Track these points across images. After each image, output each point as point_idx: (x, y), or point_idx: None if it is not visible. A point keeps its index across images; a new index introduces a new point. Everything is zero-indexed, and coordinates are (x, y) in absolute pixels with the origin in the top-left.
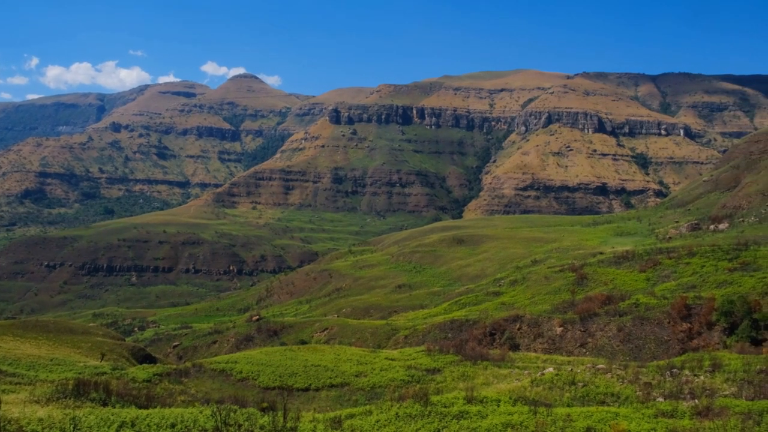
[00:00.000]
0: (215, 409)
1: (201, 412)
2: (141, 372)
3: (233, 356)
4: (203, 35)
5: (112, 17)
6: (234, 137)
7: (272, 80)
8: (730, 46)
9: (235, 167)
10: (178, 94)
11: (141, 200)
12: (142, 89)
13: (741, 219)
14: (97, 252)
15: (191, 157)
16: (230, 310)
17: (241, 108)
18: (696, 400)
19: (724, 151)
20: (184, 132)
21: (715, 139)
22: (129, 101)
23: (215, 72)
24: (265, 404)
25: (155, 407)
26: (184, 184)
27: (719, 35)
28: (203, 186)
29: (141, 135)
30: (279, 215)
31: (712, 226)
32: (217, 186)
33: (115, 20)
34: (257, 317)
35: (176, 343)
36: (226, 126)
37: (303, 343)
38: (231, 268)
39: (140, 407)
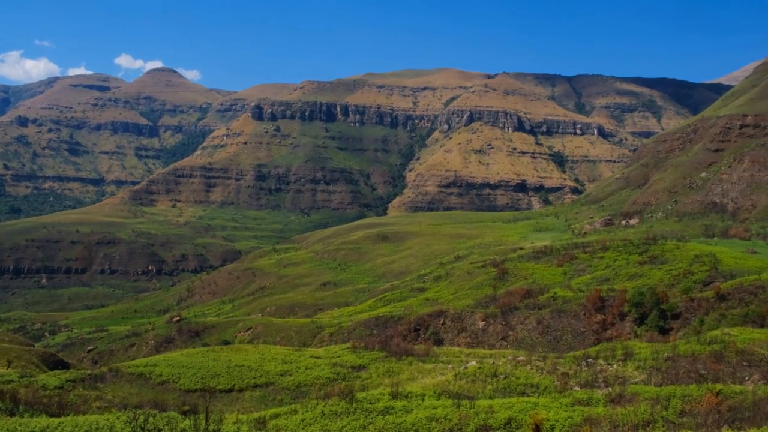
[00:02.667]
0: (133, 415)
1: (118, 418)
2: (52, 378)
3: (152, 359)
4: (116, 25)
5: (15, 3)
6: (152, 133)
7: (191, 75)
8: (639, 49)
9: (154, 164)
10: (91, 87)
11: (51, 198)
12: (51, 81)
13: (650, 215)
14: (2, 253)
15: (106, 153)
16: (149, 312)
17: (159, 103)
18: (609, 388)
19: (635, 151)
20: (98, 127)
21: (626, 139)
22: (37, 94)
23: (130, 65)
24: (186, 407)
25: (68, 415)
26: (98, 182)
27: (630, 38)
28: (119, 183)
29: (50, 130)
30: (200, 213)
31: (623, 222)
32: (134, 183)
33: (19, 7)
34: (178, 318)
35: (91, 347)
36: (144, 121)
37: (226, 343)
38: (150, 268)
39: (52, 416)
